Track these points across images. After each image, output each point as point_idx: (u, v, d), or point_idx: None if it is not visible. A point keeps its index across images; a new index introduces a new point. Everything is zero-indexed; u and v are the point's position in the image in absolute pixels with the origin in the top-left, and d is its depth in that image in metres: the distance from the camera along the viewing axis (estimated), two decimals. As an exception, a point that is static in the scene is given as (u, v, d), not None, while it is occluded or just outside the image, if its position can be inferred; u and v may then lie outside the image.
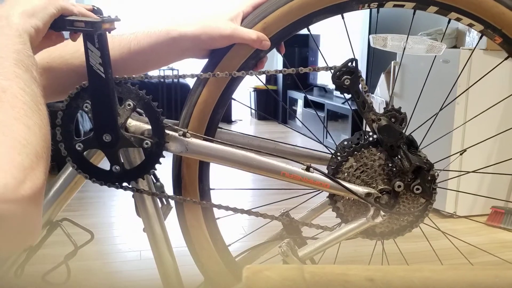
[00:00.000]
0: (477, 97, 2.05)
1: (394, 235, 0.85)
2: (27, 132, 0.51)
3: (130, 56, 0.78)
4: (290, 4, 0.76)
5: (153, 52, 0.78)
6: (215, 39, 0.76)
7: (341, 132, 3.71)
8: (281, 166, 0.77)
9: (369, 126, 0.80)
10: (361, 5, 0.78)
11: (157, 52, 0.78)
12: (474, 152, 1.31)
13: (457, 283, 0.46)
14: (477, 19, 0.78)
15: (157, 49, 0.78)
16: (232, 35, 0.75)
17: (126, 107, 0.74)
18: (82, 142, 0.74)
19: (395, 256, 1.00)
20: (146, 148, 0.74)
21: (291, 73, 0.80)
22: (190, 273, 0.87)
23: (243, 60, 0.78)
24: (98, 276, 1.60)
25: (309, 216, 0.93)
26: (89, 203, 2.32)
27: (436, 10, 0.79)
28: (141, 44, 0.78)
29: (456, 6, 0.78)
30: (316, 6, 0.76)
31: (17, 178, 0.47)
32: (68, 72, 0.78)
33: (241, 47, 0.77)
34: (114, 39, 0.77)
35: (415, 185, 0.80)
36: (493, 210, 2.10)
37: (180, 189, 0.83)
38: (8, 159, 0.48)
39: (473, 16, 0.78)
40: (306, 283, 0.45)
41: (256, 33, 0.76)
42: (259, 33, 0.76)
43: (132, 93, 0.74)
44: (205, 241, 0.86)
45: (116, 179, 0.76)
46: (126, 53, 0.78)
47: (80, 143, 0.73)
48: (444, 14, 0.80)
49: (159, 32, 0.78)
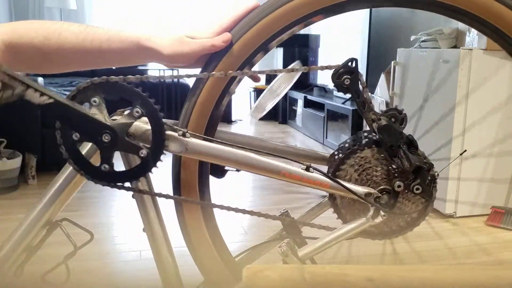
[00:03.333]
0: (477, 97, 2.06)
1: (394, 234, 0.85)
2: None
3: (99, 54, 0.79)
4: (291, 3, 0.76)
5: (120, 56, 0.80)
6: (179, 61, 0.79)
7: (341, 132, 3.71)
8: (281, 166, 0.77)
9: (369, 126, 0.80)
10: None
11: (125, 57, 0.81)
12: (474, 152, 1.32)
13: (457, 283, 0.46)
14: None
15: (125, 55, 0.80)
16: (192, 51, 0.78)
17: (134, 114, 0.74)
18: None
19: (395, 256, 1.00)
20: (141, 157, 0.74)
21: (287, 73, 0.80)
22: (190, 273, 0.87)
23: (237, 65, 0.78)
24: (98, 276, 1.59)
25: (309, 216, 0.93)
26: (89, 203, 2.32)
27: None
28: (112, 47, 0.80)
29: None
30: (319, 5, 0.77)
31: None
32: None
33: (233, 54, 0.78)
34: (88, 33, 0.79)
35: (415, 185, 0.80)
36: (493, 210, 2.10)
37: (180, 189, 0.83)
38: None
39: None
40: (306, 283, 0.45)
41: (212, 39, 0.77)
42: (215, 38, 0.77)
43: (128, 91, 0.74)
44: (205, 241, 0.86)
45: (117, 179, 0.76)
46: (96, 51, 0.80)
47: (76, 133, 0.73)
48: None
49: (130, 40, 0.79)
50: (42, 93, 0.68)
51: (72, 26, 0.80)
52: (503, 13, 0.77)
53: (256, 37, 0.78)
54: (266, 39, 0.78)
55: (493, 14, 0.77)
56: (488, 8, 0.77)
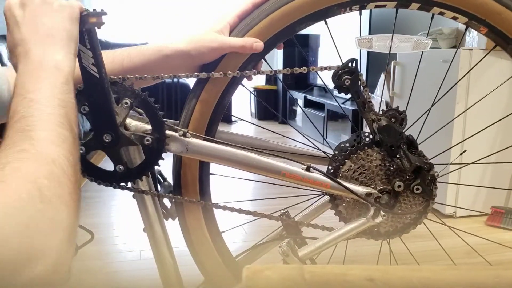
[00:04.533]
0: (477, 96, 2.05)
1: (396, 234, 0.85)
2: (67, 213, 0.48)
3: (123, 72, 0.78)
4: (272, 15, 0.76)
5: (145, 69, 0.79)
6: (204, 53, 0.78)
7: (341, 132, 3.71)
8: (281, 166, 0.77)
9: (369, 126, 0.80)
10: (343, 9, 0.78)
11: (149, 69, 0.80)
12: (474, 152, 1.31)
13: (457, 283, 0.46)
14: (460, 12, 0.78)
15: (149, 66, 0.80)
16: (221, 47, 0.77)
17: (124, 105, 0.74)
18: (83, 145, 0.74)
19: (395, 256, 1.00)
20: (147, 145, 0.74)
21: (286, 73, 0.80)
22: (190, 273, 0.87)
23: (237, 67, 0.78)
24: (98, 276, 1.59)
25: (309, 216, 0.93)
26: (89, 203, 2.32)
27: (418, 7, 0.79)
28: (134, 61, 0.79)
29: (438, 0, 0.77)
30: (297, 15, 0.77)
31: (55, 264, 0.45)
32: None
33: (232, 56, 0.78)
34: (108, 56, 0.78)
35: (415, 185, 0.80)
36: (493, 210, 2.10)
37: (181, 190, 0.83)
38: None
39: (456, 9, 0.78)
40: (306, 283, 0.45)
41: (244, 39, 0.77)
42: (247, 39, 0.77)
43: (128, 91, 0.74)
44: (205, 241, 0.86)
45: (118, 179, 0.76)
46: (118, 70, 0.79)
47: (81, 146, 0.73)
48: (427, 10, 0.80)
49: (151, 50, 0.79)
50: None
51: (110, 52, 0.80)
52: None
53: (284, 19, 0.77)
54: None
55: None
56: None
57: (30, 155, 0.48)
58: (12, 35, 0.63)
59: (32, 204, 0.45)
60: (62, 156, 0.51)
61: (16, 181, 0.45)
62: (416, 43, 1.16)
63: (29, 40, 0.61)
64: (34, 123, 0.52)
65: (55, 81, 0.58)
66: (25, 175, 0.46)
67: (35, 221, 0.44)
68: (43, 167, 0.48)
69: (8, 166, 0.46)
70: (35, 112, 0.53)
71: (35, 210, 0.45)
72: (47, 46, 0.61)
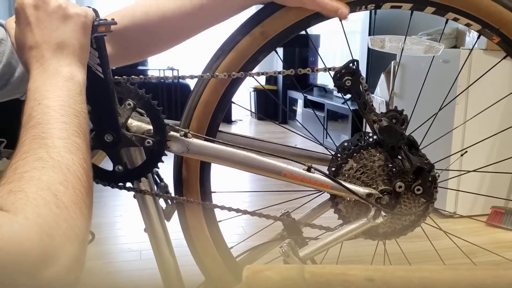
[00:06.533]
0: (477, 97, 2.05)
1: (395, 235, 0.85)
2: (81, 218, 0.50)
3: (203, 13, 0.76)
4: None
5: (224, 7, 0.77)
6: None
7: (341, 132, 3.71)
8: (282, 167, 0.77)
9: (370, 127, 0.80)
10: (358, 7, 0.78)
11: (229, 7, 0.77)
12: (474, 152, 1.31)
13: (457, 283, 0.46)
14: (474, 19, 0.78)
15: (229, 2, 0.76)
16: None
17: (126, 106, 0.74)
18: None
19: (395, 256, 1.00)
20: (148, 146, 0.74)
21: (290, 74, 0.80)
22: (190, 273, 0.87)
23: (287, 25, 0.77)
24: (99, 276, 1.60)
25: (310, 216, 0.93)
26: (89, 203, 2.31)
27: (433, 11, 0.79)
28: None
29: (453, 6, 0.78)
30: (311, 12, 0.77)
31: (68, 267, 0.47)
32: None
33: (292, 11, 0.76)
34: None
35: (416, 186, 0.80)
36: (493, 210, 2.10)
37: (181, 190, 0.83)
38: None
39: (471, 16, 0.78)
40: (306, 283, 0.45)
41: (334, 1, 0.74)
42: (336, 2, 0.74)
43: (132, 92, 0.74)
44: (206, 241, 0.86)
45: (119, 179, 0.76)
46: (198, 10, 0.76)
47: None
48: (442, 15, 0.80)
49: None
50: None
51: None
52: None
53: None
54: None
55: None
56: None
57: (46, 163, 0.51)
58: (23, 34, 0.63)
59: (48, 209, 0.46)
60: (77, 164, 0.53)
61: (32, 188, 0.47)
62: (429, 47, 1.16)
63: (44, 47, 0.62)
64: (51, 130, 0.54)
65: (70, 91, 0.60)
66: (41, 182, 0.48)
67: (51, 226, 0.46)
68: (59, 175, 0.50)
69: (26, 175, 0.49)
70: (51, 119, 0.55)
71: (50, 215, 0.46)
72: (62, 56, 0.62)
